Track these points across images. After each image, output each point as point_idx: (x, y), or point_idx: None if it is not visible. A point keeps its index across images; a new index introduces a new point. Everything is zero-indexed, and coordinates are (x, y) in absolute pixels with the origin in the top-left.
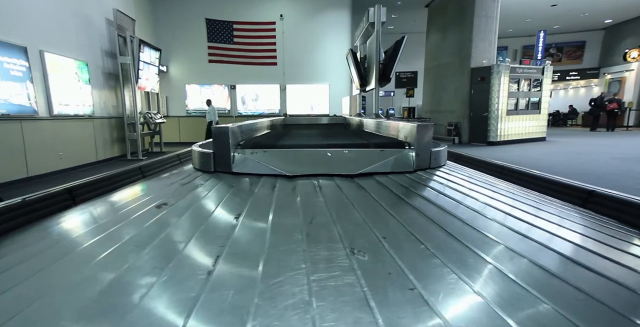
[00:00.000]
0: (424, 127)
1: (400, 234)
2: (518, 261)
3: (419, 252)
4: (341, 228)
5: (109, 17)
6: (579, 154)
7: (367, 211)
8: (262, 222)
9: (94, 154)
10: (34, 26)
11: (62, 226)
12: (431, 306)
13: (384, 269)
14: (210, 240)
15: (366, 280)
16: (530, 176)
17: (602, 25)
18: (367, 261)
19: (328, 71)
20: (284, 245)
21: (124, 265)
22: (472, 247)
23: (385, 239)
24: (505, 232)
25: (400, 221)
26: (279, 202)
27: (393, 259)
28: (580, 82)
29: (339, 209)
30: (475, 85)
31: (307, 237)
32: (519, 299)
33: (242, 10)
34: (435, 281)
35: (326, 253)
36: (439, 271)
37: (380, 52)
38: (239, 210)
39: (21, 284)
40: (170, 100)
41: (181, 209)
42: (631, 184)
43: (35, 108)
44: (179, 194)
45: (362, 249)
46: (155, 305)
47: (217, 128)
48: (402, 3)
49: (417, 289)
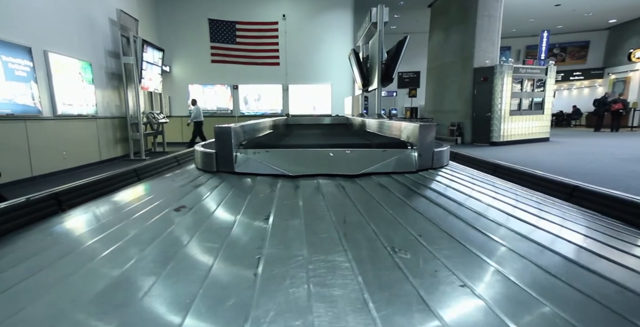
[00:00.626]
0: (426, 127)
1: (399, 235)
2: (522, 261)
3: (421, 252)
4: (341, 228)
5: (113, 18)
6: (582, 154)
7: (370, 211)
8: (263, 223)
9: (97, 153)
10: (38, 26)
11: (64, 226)
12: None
13: (389, 271)
14: (212, 239)
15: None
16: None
17: (606, 25)
18: (365, 259)
19: (330, 71)
20: (282, 244)
21: (124, 264)
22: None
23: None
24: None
25: (401, 221)
26: (281, 202)
27: (393, 260)
28: (584, 83)
29: (339, 209)
30: (478, 86)
31: (307, 237)
32: (523, 299)
33: (245, 10)
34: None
35: (325, 254)
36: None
37: (382, 52)
38: (241, 209)
39: (20, 284)
40: (173, 101)
41: (185, 209)
42: (633, 184)
43: (40, 108)
44: (182, 194)
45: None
46: (155, 304)
47: (220, 128)
48: (404, 3)
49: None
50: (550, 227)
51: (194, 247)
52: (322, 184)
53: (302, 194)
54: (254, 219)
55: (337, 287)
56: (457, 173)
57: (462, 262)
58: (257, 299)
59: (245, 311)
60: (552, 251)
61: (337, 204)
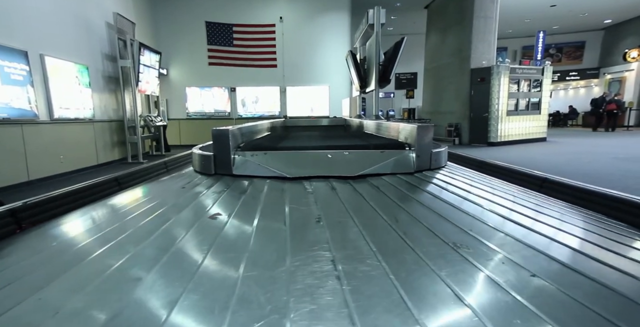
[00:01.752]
0: (424, 128)
1: (394, 238)
2: (517, 265)
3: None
4: (340, 229)
5: (109, 21)
6: (579, 154)
7: (377, 208)
8: (278, 223)
9: (94, 157)
10: (34, 30)
11: (63, 229)
12: None
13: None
14: (210, 241)
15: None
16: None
17: (601, 26)
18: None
19: (328, 73)
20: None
21: (119, 267)
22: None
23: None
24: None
25: (402, 220)
26: (282, 203)
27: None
28: (580, 83)
29: (341, 209)
30: (475, 86)
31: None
32: (516, 308)
33: (242, 13)
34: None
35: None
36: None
37: (379, 53)
38: (240, 211)
39: (20, 289)
40: (171, 103)
41: (183, 212)
42: (629, 183)
43: (36, 112)
44: (180, 197)
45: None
46: (149, 305)
47: (218, 130)
48: (401, 4)
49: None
50: (548, 230)
51: (191, 250)
52: (321, 185)
53: (302, 195)
54: (269, 223)
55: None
56: (455, 174)
57: (454, 265)
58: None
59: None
60: (549, 255)
61: (337, 205)
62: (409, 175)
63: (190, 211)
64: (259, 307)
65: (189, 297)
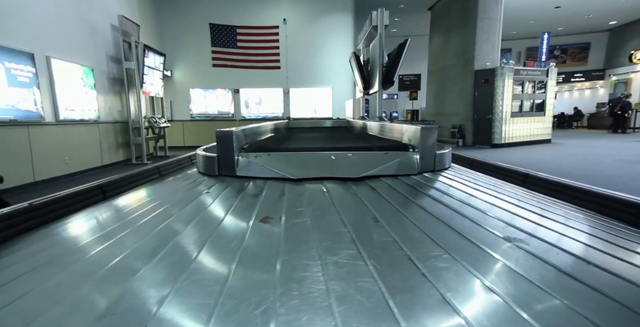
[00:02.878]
0: (428, 129)
1: (407, 235)
2: (530, 259)
3: (430, 252)
4: (348, 230)
5: (114, 23)
6: (584, 155)
7: (377, 211)
8: (268, 225)
9: (99, 158)
10: (40, 32)
11: (69, 231)
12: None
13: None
14: (219, 244)
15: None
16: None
17: (606, 27)
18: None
19: (331, 74)
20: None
21: (132, 271)
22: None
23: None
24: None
25: (410, 219)
26: (286, 204)
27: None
28: (585, 84)
29: (345, 210)
30: (479, 88)
31: (317, 236)
32: (535, 297)
33: (246, 14)
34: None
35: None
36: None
37: (383, 55)
38: (245, 213)
39: (29, 293)
40: (175, 105)
41: (188, 213)
42: (635, 186)
43: (42, 113)
44: (185, 198)
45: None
46: (171, 316)
47: (222, 132)
48: (405, 6)
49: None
50: (552, 232)
51: (204, 255)
52: (325, 187)
53: (306, 197)
54: (264, 223)
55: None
56: (458, 176)
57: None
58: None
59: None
60: (551, 263)
61: (341, 206)
62: (413, 176)
63: (191, 210)
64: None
65: (181, 290)
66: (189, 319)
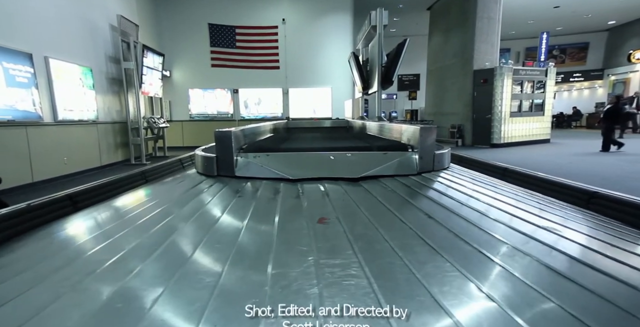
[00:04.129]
0: (427, 129)
1: (407, 235)
2: (528, 261)
3: (425, 253)
4: (348, 230)
5: (113, 23)
6: (582, 155)
7: (374, 213)
8: (267, 226)
9: (98, 158)
10: (39, 33)
11: (67, 231)
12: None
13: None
14: (215, 244)
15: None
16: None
17: (605, 27)
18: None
19: (330, 74)
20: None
21: (129, 273)
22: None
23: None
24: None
25: (405, 222)
26: (283, 206)
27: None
28: (584, 84)
29: (345, 211)
30: (478, 88)
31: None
32: (528, 300)
33: (245, 14)
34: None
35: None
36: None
37: (382, 55)
38: (243, 214)
39: (26, 291)
40: (174, 105)
41: (186, 214)
42: (634, 185)
43: (40, 114)
44: (183, 198)
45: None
46: (164, 314)
47: (220, 132)
48: (403, 6)
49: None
50: (550, 237)
51: (199, 254)
52: (323, 187)
53: (304, 197)
54: (257, 223)
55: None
56: (458, 175)
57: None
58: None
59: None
60: (549, 266)
61: (340, 207)
62: (412, 177)
63: (189, 210)
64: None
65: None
66: (182, 314)
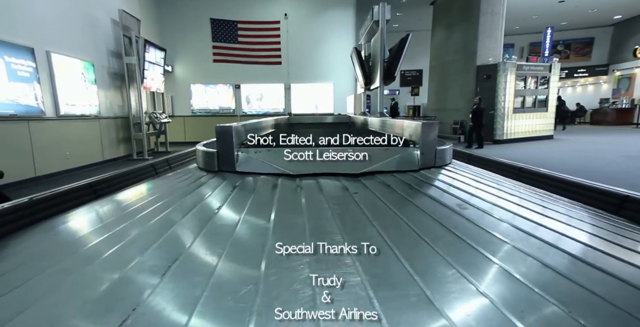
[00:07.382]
0: (428, 125)
1: (405, 232)
2: (527, 260)
3: (423, 252)
4: (343, 227)
5: (115, 18)
6: (586, 152)
7: (373, 210)
8: (265, 221)
9: (100, 153)
10: (40, 27)
11: (69, 224)
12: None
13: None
14: (214, 239)
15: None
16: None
17: (611, 22)
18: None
19: (332, 70)
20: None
21: (128, 264)
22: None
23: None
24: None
25: (404, 218)
26: (282, 201)
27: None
28: (589, 79)
29: (344, 208)
30: (481, 83)
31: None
32: (527, 300)
33: (247, 9)
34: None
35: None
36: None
37: (384, 50)
38: (243, 209)
39: (25, 284)
40: (176, 100)
41: (186, 209)
42: (638, 182)
43: (42, 108)
44: (184, 193)
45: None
46: (159, 303)
47: (222, 127)
48: (406, 1)
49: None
50: (555, 226)
51: (197, 247)
52: (324, 183)
53: (304, 193)
54: (255, 219)
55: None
56: (459, 171)
57: (466, 260)
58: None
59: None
60: (548, 265)
61: (339, 203)
62: (412, 173)
63: (190, 206)
64: None
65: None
66: (178, 303)
